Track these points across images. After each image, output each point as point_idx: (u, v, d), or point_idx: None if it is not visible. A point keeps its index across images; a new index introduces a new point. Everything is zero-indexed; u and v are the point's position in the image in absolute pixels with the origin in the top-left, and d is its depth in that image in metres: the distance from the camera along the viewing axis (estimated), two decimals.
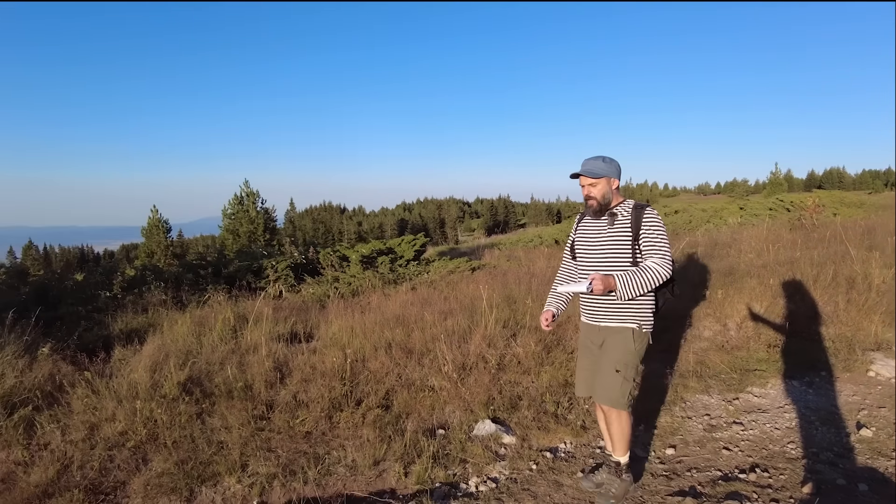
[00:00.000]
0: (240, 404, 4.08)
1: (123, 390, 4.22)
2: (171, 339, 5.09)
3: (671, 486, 3.31)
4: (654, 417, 4.21)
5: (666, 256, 2.70)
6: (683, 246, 8.87)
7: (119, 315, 6.29)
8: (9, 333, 5.03)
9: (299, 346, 4.94)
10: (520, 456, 3.73)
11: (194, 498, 3.55)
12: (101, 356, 4.91)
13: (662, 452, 3.74)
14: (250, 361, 4.57)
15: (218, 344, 4.94)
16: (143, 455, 3.83)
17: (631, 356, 2.84)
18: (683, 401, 4.46)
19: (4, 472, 3.66)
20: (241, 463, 3.74)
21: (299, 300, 7.04)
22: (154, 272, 7.57)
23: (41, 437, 3.93)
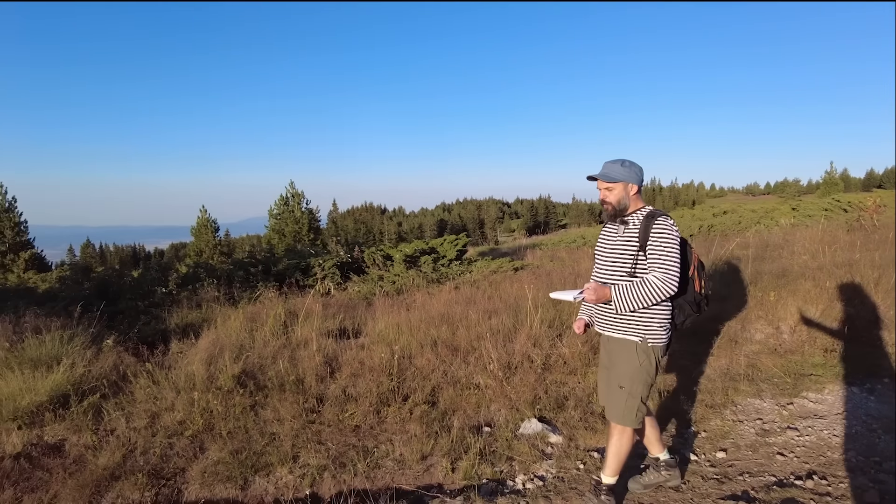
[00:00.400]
0: (291, 397, 4.21)
1: (181, 381, 4.41)
2: (225, 333, 5.28)
3: (722, 490, 3.25)
4: (703, 420, 4.13)
5: (669, 271, 2.52)
6: (733, 247, 8.63)
7: (174, 310, 6.55)
8: (76, 325, 5.32)
9: (348, 342, 5.06)
10: (567, 455, 3.72)
11: (248, 486, 3.68)
12: (160, 349, 5.14)
13: (713, 455, 3.67)
14: (301, 356, 4.70)
15: (270, 339, 5.11)
16: (200, 444, 4.00)
17: (635, 371, 2.68)
18: (734, 404, 4.36)
19: (76, 455, 3.88)
20: (292, 454, 3.85)
21: (346, 298, 7.19)
22: (206, 270, 7.87)
23: (108, 424, 4.14)
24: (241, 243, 48.24)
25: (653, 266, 2.55)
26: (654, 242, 2.55)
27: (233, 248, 37.52)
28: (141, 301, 6.84)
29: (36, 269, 27.15)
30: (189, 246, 36.45)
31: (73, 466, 3.79)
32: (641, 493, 3.20)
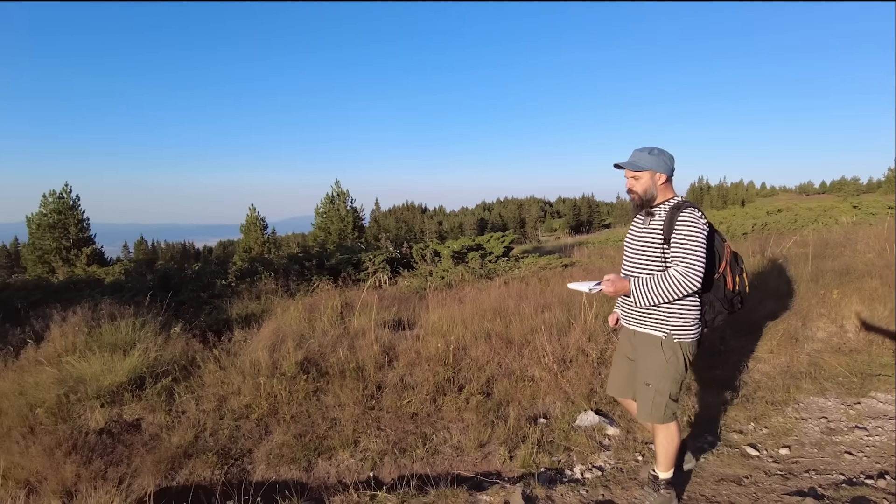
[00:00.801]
0: (352, 384, 4.35)
1: (247, 367, 4.60)
2: (285, 323, 5.48)
3: (788, 486, 3.20)
4: (764, 417, 4.06)
5: (692, 266, 2.39)
6: (790, 245, 8.38)
7: (234, 301, 6.82)
8: (146, 313, 5.61)
9: (403, 333, 5.18)
10: (625, 447, 3.73)
11: (312, 469, 3.83)
12: (225, 336, 5.38)
13: (776, 452, 3.61)
14: (359, 345, 4.84)
15: (328, 328, 5.27)
16: (265, 427, 4.18)
17: (662, 368, 2.59)
18: (796, 402, 4.27)
19: (152, 433, 4.11)
20: (353, 439, 3.99)
21: (397, 291, 7.33)
22: (263, 263, 8.17)
23: (179, 405, 4.37)
24: (287, 241, 49.39)
25: (676, 259, 2.44)
26: (678, 235, 2.43)
27: (279, 246, 38.43)
28: (202, 292, 7.14)
29: (97, 264, 28.53)
30: (238, 243, 37.56)
31: (150, 443, 4.02)
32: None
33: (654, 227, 2.55)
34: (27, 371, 4.61)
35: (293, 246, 36.57)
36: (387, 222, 77.67)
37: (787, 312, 5.50)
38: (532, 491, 3.14)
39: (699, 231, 2.43)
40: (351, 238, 34.18)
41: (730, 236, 14.08)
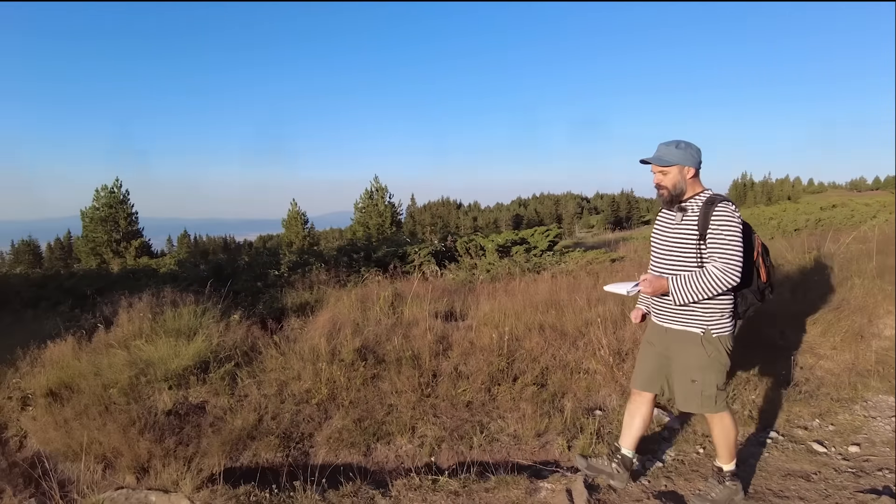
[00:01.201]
0: (408, 371, 4.42)
1: (306, 353, 4.73)
2: (339, 311, 5.60)
3: (860, 484, 3.13)
4: (830, 413, 3.96)
5: (731, 261, 2.37)
6: (849, 240, 8.09)
7: (288, 291, 6.99)
8: (206, 301, 5.81)
9: (455, 324, 5.23)
10: (685, 440, 3.70)
11: (371, 453, 3.92)
12: (286, 322, 5.54)
13: (845, 449, 3.52)
14: (414, 334, 4.91)
15: (381, 317, 5.37)
16: (325, 411, 4.29)
17: (705, 363, 2.58)
18: (864, 400, 4.14)
19: (216, 415, 4.27)
20: (410, 425, 4.05)
21: (445, 283, 7.39)
22: (314, 255, 8.36)
23: (241, 389, 4.52)
24: (326, 236, 50.15)
25: (714, 255, 2.41)
26: (715, 230, 2.40)
27: (317, 240, 39.04)
28: (257, 282, 7.35)
29: (147, 256, 29.57)
30: (279, 237, 38.32)
31: (215, 425, 4.18)
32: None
33: (689, 224, 2.50)
34: (100, 353, 4.84)
35: (332, 240, 37.08)
36: (422, 217, 78.08)
37: (850, 309, 5.32)
38: (594, 480, 3.15)
39: (735, 225, 2.41)
40: (388, 233, 34.48)
41: (780, 232, 13.66)
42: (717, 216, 2.41)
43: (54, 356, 4.89)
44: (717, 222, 2.40)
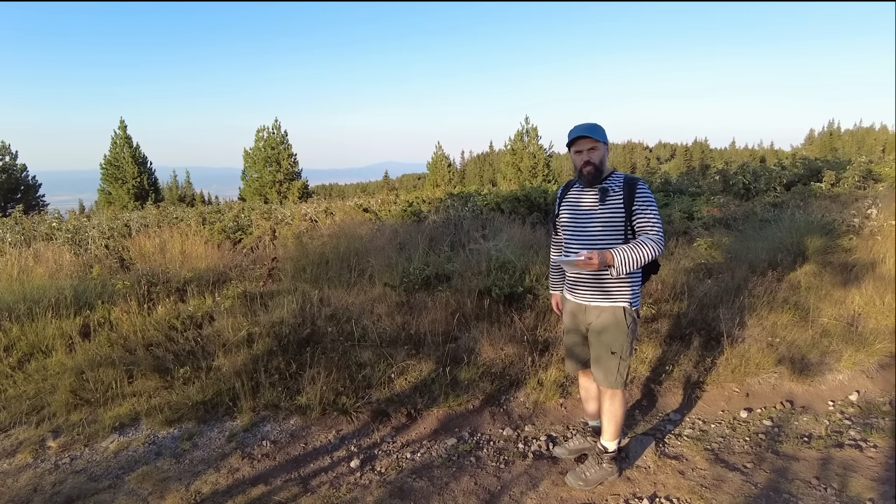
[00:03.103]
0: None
1: None
2: None
3: None
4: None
5: (660, 233, 2.52)
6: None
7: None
8: None
9: None
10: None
11: None
12: None
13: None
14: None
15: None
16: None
17: (624, 336, 2.67)
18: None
19: None
20: None
21: None
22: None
23: None
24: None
25: (644, 227, 2.54)
26: (642, 206, 2.55)
27: (462, 181, 39.03)
28: None
29: (307, 198, 29.84)
30: (427, 178, 38.42)
31: None
32: (565, 457, 3.06)
33: (615, 202, 2.60)
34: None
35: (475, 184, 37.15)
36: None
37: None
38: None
39: (655, 202, 2.61)
40: (541, 176, 34.44)
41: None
42: (641, 194, 2.56)
43: None
44: (641, 199, 2.56)
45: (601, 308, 2.69)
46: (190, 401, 3.56)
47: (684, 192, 9.33)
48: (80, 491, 2.85)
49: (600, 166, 2.62)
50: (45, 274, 5.50)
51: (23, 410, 3.57)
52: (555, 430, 3.40)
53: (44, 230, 7.51)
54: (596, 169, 2.61)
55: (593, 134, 2.58)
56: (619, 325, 2.65)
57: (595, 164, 2.60)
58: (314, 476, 2.97)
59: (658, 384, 3.79)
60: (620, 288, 2.65)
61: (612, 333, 2.67)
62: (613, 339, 2.68)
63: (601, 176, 2.63)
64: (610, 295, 2.67)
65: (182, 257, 5.71)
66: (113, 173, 30.55)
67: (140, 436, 3.35)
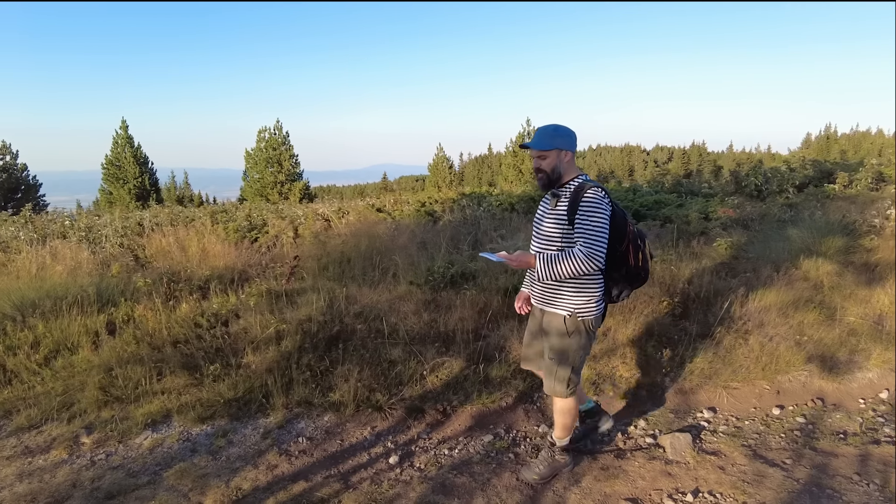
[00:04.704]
0: None
1: None
2: None
3: None
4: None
5: (593, 245, 2.38)
6: None
7: None
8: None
9: None
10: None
11: None
12: None
13: None
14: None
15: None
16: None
17: (564, 344, 2.62)
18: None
19: None
20: None
21: None
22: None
23: None
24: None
25: (578, 239, 2.43)
26: (582, 215, 2.41)
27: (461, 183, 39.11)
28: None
29: (307, 199, 29.82)
30: (427, 180, 38.47)
31: None
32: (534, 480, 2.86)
33: (561, 209, 2.51)
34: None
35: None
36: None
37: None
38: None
39: (601, 210, 2.41)
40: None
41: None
42: (585, 202, 2.42)
43: None
44: (584, 207, 2.41)
45: (547, 312, 2.67)
46: (221, 398, 3.54)
47: (697, 193, 9.38)
48: (120, 487, 2.83)
49: (551, 174, 2.53)
50: (64, 272, 5.48)
51: (53, 407, 3.54)
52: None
53: (56, 229, 7.48)
54: (547, 177, 2.54)
55: (537, 146, 2.51)
56: (559, 332, 2.62)
57: (546, 171, 2.53)
58: (354, 472, 2.96)
59: (688, 381, 3.79)
60: (564, 295, 2.59)
61: (552, 339, 2.65)
62: (553, 345, 2.65)
63: (554, 182, 2.55)
64: (553, 300, 2.63)
65: (202, 255, 5.69)
66: (114, 173, 30.48)
67: (173, 433, 3.33)
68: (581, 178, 2.54)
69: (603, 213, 2.42)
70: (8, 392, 3.76)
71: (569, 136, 2.53)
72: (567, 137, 2.52)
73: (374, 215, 7.47)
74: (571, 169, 2.55)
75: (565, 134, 2.53)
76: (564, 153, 2.51)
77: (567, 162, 2.53)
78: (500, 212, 7.64)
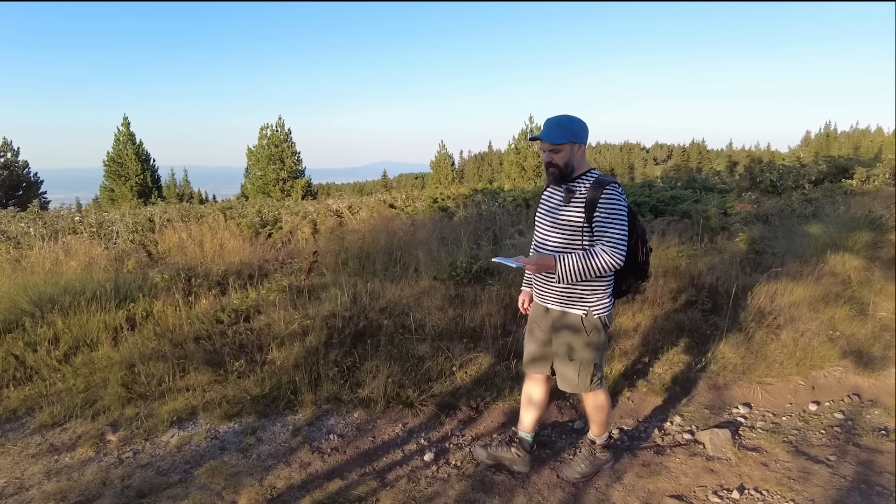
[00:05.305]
0: None
1: None
2: None
3: None
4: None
5: (617, 245, 2.29)
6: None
7: None
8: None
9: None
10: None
11: None
12: None
13: None
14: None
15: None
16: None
17: (583, 343, 2.53)
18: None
19: None
20: None
21: None
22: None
23: None
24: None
25: (600, 237, 2.32)
26: (603, 212, 2.30)
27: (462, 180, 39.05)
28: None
29: (310, 196, 29.72)
30: (429, 178, 38.41)
31: None
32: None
33: (577, 205, 2.37)
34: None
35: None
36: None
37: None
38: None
39: (622, 208, 2.33)
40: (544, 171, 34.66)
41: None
42: (606, 198, 2.30)
43: None
44: (604, 204, 2.30)
45: (560, 312, 2.55)
46: (248, 395, 3.48)
47: (712, 189, 9.33)
48: (151, 485, 2.76)
49: (564, 168, 2.39)
50: (79, 267, 5.41)
51: (76, 404, 3.47)
52: (625, 423, 3.34)
53: (66, 224, 7.41)
54: (560, 171, 2.40)
55: (551, 139, 2.35)
56: (577, 332, 2.52)
57: (559, 165, 2.39)
58: (389, 470, 2.90)
59: (721, 377, 3.73)
60: (578, 294, 2.48)
61: (570, 340, 2.55)
62: (571, 346, 2.55)
63: (566, 176, 2.41)
64: (567, 300, 2.51)
65: (219, 251, 5.63)
66: (116, 170, 30.39)
67: (200, 430, 3.26)
68: (594, 172, 2.42)
69: (623, 211, 2.34)
70: (29, 389, 3.69)
71: (583, 129, 2.41)
72: (581, 130, 2.40)
73: (388, 211, 7.40)
74: (584, 163, 2.44)
75: (580, 126, 2.40)
76: (578, 146, 2.39)
77: (580, 156, 2.41)
78: (513, 207, 7.58)
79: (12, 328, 4.22)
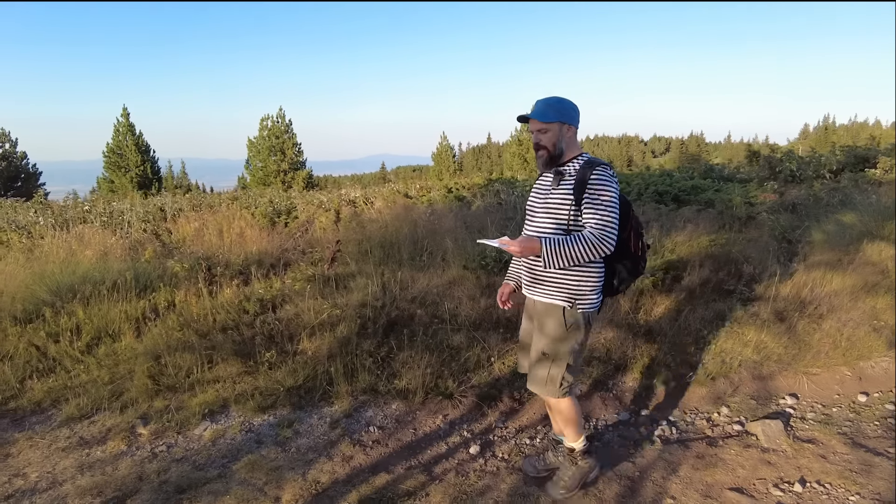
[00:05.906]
0: None
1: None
2: None
3: None
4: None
5: (607, 227, 2.14)
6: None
7: None
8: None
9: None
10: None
11: None
12: None
13: None
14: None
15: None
16: None
17: (562, 338, 2.34)
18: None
19: None
20: None
21: None
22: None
23: None
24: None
25: (589, 220, 2.18)
26: (592, 194, 2.17)
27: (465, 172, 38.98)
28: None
29: (310, 188, 29.53)
30: (429, 170, 38.26)
31: None
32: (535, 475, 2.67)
33: (565, 188, 2.24)
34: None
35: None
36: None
37: None
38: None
39: (613, 190, 2.19)
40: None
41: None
42: (594, 180, 2.17)
43: None
44: (594, 187, 2.17)
45: (541, 303, 2.38)
46: (281, 386, 3.38)
47: (731, 179, 9.23)
48: (189, 480, 2.66)
49: (553, 150, 2.26)
50: (94, 256, 5.28)
51: (103, 396, 3.37)
52: (673, 414, 3.25)
53: (75, 214, 7.27)
54: (549, 153, 2.27)
55: (541, 117, 2.23)
56: (556, 325, 2.33)
57: (546, 146, 2.26)
58: (435, 463, 2.81)
59: (765, 367, 3.64)
60: (562, 284, 2.31)
61: (547, 332, 2.36)
62: (548, 339, 2.36)
63: (556, 159, 2.28)
64: (549, 290, 2.34)
65: (239, 240, 5.51)
66: (116, 161, 30.13)
67: (234, 423, 3.16)
68: (585, 155, 2.29)
69: (614, 193, 2.19)
70: (52, 380, 3.59)
71: (573, 110, 2.29)
72: (571, 111, 2.28)
73: (403, 200, 7.29)
74: (574, 146, 2.31)
75: (569, 107, 2.29)
76: (567, 127, 2.27)
77: (570, 137, 2.29)
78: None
79: (32, 318, 4.11)
